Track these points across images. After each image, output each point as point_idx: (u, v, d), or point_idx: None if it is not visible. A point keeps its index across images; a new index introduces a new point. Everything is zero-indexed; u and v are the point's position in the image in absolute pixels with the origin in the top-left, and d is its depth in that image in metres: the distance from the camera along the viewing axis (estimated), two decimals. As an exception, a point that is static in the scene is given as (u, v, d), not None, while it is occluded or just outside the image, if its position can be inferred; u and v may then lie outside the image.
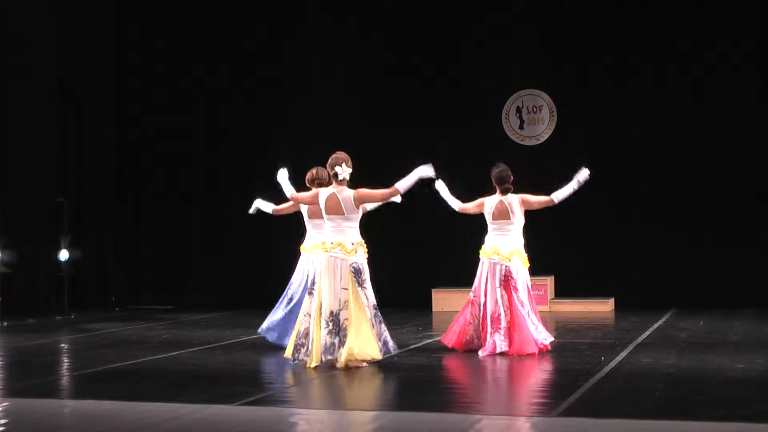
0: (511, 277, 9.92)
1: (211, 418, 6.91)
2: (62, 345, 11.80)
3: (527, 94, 15.64)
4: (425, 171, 8.98)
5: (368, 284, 9.10)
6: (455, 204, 10.39)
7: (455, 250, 15.05)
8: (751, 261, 14.49)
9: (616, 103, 15.11)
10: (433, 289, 15.25)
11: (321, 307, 9.02)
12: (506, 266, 9.94)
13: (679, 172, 14.86)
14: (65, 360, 10.68)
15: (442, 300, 15.12)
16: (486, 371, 9.03)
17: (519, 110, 15.64)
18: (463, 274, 15.35)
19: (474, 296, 10.09)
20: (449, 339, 10.15)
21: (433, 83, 15.83)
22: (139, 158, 16.89)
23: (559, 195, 10.09)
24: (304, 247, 10.53)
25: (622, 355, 9.51)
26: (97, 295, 16.19)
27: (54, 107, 15.49)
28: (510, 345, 9.74)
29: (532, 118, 15.60)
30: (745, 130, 14.61)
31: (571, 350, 10.03)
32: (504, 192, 10.13)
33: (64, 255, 15.34)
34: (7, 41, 14.82)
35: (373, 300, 9.11)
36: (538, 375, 8.84)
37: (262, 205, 10.85)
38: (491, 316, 9.85)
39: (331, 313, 8.95)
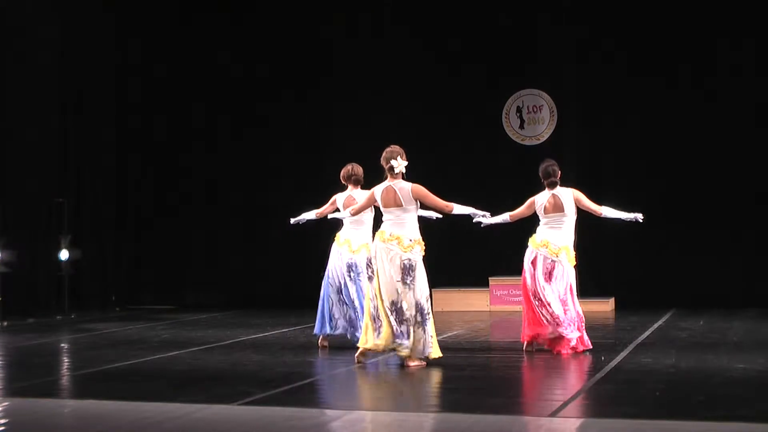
0: (553, 273, 9.71)
1: (211, 418, 6.91)
2: (62, 345, 11.80)
3: (527, 94, 15.63)
4: (479, 215, 9.44)
5: (417, 283, 8.98)
6: (505, 217, 10.00)
7: (455, 251, 15.05)
8: (751, 261, 14.49)
9: (616, 103, 15.11)
10: (433, 289, 15.21)
11: (381, 293, 8.99)
12: (552, 261, 9.74)
13: (680, 172, 14.86)
14: (65, 360, 10.67)
15: (442, 300, 15.10)
16: (486, 371, 9.02)
17: (519, 110, 15.64)
18: (463, 275, 15.44)
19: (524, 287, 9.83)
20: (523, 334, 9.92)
21: (433, 83, 15.82)
22: (139, 158, 16.89)
23: (609, 213, 9.92)
24: (338, 238, 10.40)
25: (622, 355, 9.51)
26: (97, 295, 16.17)
27: (54, 107, 15.49)
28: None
29: (532, 118, 15.60)
30: (746, 130, 14.60)
31: (571, 350, 10.00)
32: (551, 186, 9.85)
33: (64, 255, 15.33)
34: (7, 41, 14.81)
35: (416, 299, 8.96)
36: (538, 375, 8.83)
37: (306, 215, 10.71)
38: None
39: (393, 303, 8.93)
